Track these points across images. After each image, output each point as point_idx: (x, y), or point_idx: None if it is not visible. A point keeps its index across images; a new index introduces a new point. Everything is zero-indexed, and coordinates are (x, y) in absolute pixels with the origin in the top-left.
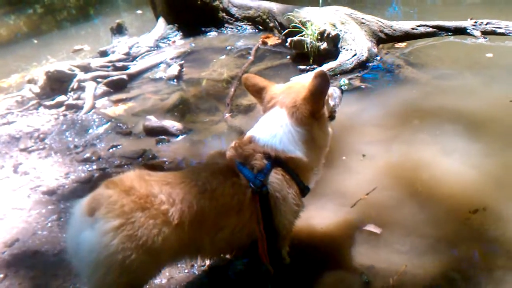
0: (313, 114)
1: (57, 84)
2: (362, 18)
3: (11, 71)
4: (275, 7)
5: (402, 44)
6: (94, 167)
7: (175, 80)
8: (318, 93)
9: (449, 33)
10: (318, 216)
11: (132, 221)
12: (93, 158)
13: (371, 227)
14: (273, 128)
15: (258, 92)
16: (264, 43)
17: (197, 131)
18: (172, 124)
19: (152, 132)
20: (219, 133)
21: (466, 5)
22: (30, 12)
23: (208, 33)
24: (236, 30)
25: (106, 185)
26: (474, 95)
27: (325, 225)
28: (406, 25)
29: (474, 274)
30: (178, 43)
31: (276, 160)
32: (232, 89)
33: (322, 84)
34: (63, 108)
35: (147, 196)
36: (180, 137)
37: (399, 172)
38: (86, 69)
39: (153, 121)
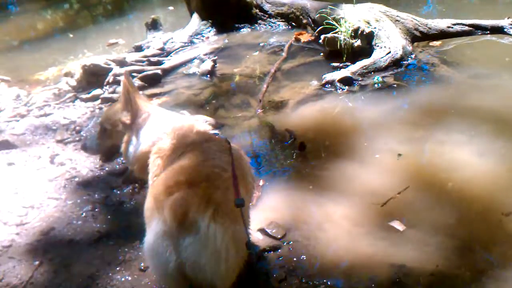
0: None
1: (93, 77)
2: (397, 16)
3: (48, 64)
4: (309, 3)
5: (437, 43)
6: None
7: (208, 75)
8: None
9: (486, 32)
10: (348, 213)
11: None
12: None
13: (395, 224)
14: None
15: None
16: (297, 40)
17: (229, 126)
18: (204, 119)
19: None
20: (250, 128)
21: (503, 4)
22: (66, 7)
23: (242, 30)
24: (269, 27)
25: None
26: (511, 96)
27: (355, 222)
28: (441, 24)
29: (506, 277)
30: (212, 39)
31: None
32: (265, 86)
33: None
34: (99, 101)
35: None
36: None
37: (432, 172)
38: (121, 63)
39: (186, 116)
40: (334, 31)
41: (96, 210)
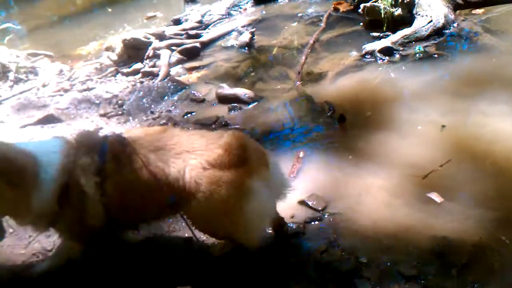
0: None
1: (134, 51)
2: None
3: (89, 39)
4: None
5: (480, 10)
6: None
7: (246, 48)
8: None
9: None
10: (388, 184)
11: None
12: (169, 124)
13: (433, 195)
14: None
15: None
16: (336, 9)
17: (268, 98)
18: (244, 92)
19: (224, 99)
20: (289, 100)
21: None
22: None
23: (279, 0)
24: None
25: None
26: None
27: (395, 194)
28: None
29: None
30: (249, 10)
31: None
32: (303, 57)
33: None
34: (140, 75)
35: None
36: (252, 105)
37: (475, 144)
38: (160, 37)
39: (225, 88)
40: (374, 0)
41: None
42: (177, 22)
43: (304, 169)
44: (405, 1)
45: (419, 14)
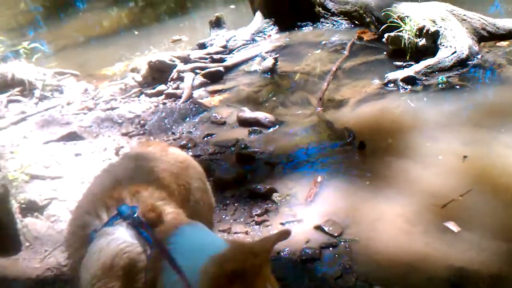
0: None
1: (158, 73)
2: (464, 15)
3: (115, 60)
4: (373, 1)
5: (504, 43)
6: (190, 153)
7: (269, 73)
8: None
9: None
10: (407, 213)
11: None
12: (189, 145)
13: (450, 224)
14: None
15: None
16: (360, 38)
17: (289, 123)
18: (264, 116)
19: (245, 123)
20: (310, 126)
21: None
22: (131, 5)
23: (304, 28)
24: (332, 25)
25: None
26: None
27: (413, 222)
28: (510, 23)
29: None
30: (274, 37)
31: None
32: (325, 84)
33: None
34: (163, 96)
35: None
36: (272, 129)
37: (497, 176)
38: (185, 60)
39: (246, 112)
40: (398, 30)
41: None
42: (202, 46)
43: (322, 194)
44: (430, 32)
45: (443, 45)
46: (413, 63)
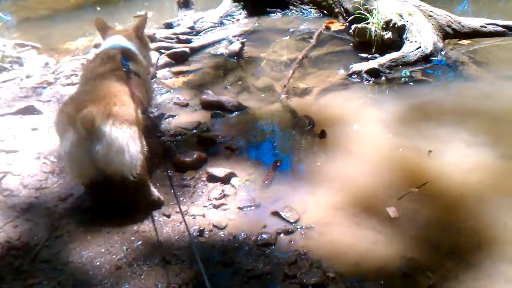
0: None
1: None
2: (431, 11)
3: (78, 35)
4: None
5: (466, 42)
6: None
7: (235, 57)
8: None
9: None
10: (364, 203)
11: None
12: (149, 125)
13: (390, 210)
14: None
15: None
16: (328, 28)
17: (252, 109)
18: (228, 100)
19: (208, 106)
20: (273, 113)
21: None
22: None
23: (273, 14)
24: (301, 13)
25: None
26: None
27: (367, 211)
28: (475, 22)
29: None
30: (242, 21)
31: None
32: (291, 71)
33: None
34: None
35: None
36: (235, 114)
37: (453, 170)
38: (151, 39)
39: (210, 95)
40: (366, 22)
41: None
42: (169, 26)
43: (279, 180)
44: (396, 26)
45: (409, 40)
46: (378, 55)
